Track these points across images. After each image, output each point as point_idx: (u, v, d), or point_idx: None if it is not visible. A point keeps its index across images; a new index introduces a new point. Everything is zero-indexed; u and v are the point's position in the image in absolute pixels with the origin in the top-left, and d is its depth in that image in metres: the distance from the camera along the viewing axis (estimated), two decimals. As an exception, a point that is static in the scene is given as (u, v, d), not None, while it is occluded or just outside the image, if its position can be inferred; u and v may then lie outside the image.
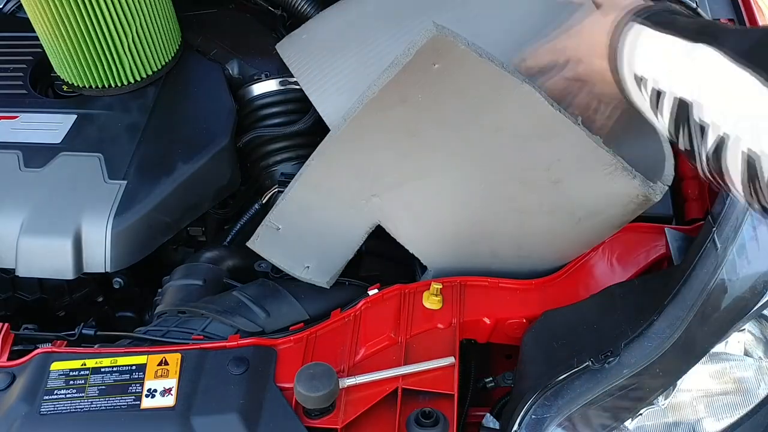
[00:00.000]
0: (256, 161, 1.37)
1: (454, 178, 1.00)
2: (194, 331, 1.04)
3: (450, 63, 0.87)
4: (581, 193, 0.97)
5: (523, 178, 0.97)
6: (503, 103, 0.90)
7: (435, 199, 1.02)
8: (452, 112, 0.93)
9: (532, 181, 0.97)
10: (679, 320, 0.88)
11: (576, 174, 0.95)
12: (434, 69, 0.87)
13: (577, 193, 0.97)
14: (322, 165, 1.02)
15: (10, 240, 1.10)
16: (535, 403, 0.90)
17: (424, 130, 0.95)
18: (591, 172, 0.93)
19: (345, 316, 1.02)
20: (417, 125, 0.95)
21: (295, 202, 1.06)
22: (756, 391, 0.94)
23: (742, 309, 0.88)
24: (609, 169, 0.92)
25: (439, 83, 0.89)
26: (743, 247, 0.90)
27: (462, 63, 0.87)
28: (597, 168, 0.92)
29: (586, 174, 0.94)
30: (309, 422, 0.89)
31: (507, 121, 0.92)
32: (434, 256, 1.08)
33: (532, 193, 0.98)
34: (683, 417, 0.92)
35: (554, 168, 0.94)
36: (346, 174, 1.02)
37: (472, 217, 1.03)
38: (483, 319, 1.00)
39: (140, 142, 1.22)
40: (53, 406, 0.89)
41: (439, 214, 1.04)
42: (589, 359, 0.89)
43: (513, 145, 0.94)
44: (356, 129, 0.96)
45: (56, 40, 1.22)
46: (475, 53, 0.85)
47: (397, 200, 1.03)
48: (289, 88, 1.38)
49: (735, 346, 0.94)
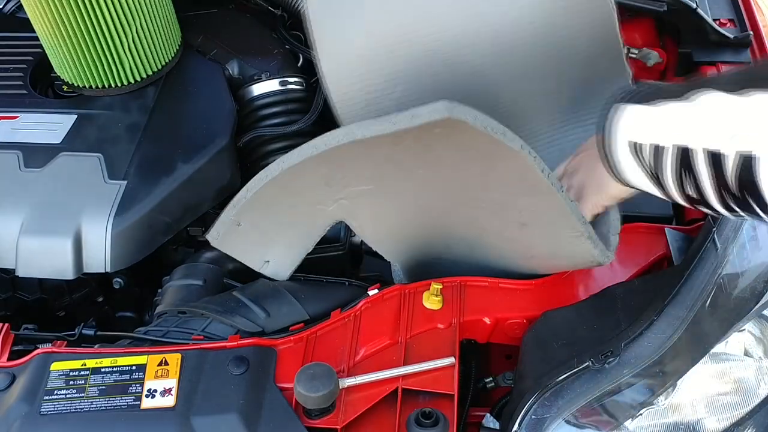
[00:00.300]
0: (256, 161, 1.37)
1: (422, 199, 1.01)
2: (194, 331, 1.04)
3: (452, 132, 0.85)
4: (542, 242, 1.00)
5: (494, 210, 0.98)
6: (496, 163, 0.90)
7: (398, 210, 1.04)
8: (443, 163, 0.92)
9: (502, 215, 0.98)
10: (679, 320, 0.88)
11: (544, 227, 0.97)
12: (435, 132, 0.85)
13: (538, 240, 1.00)
14: (296, 167, 0.97)
15: (10, 240, 1.10)
16: (535, 403, 0.90)
17: (407, 168, 0.95)
18: (558, 231, 0.95)
19: (345, 316, 1.02)
20: (402, 161, 0.94)
21: (259, 199, 1.03)
22: (756, 391, 0.94)
23: (742, 309, 0.88)
24: (576, 234, 0.94)
25: (436, 143, 0.88)
26: (743, 248, 0.90)
27: (465, 133, 0.85)
28: (565, 230, 0.94)
29: (554, 230, 0.96)
30: (309, 422, 0.89)
31: (495, 177, 0.93)
32: (394, 254, 1.11)
33: (496, 219, 1.00)
34: (683, 417, 0.93)
35: (526, 214, 0.96)
36: (318, 179, 1.01)
37: (433, 223, 1.05)
38: (483, 319, 1.00)
39: (140, 142, 1.21)
40: (53, 406, 0.89)
41: (401, 221, 1.06)
42: (589, 359, 0.89)
43: (497, 192, 0.96)
44: (335, 153, 0.92)
45: (56, 40, 1.22)
46: (482, 127, 0.83)
47: (364, 207, 1.04)
48: (289, 88, 1.39)
49: (735, 346, 0.94)
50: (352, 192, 1.02)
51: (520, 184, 0.91)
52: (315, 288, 1.14)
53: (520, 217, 0.97)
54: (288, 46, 1.48)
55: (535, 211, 0.95)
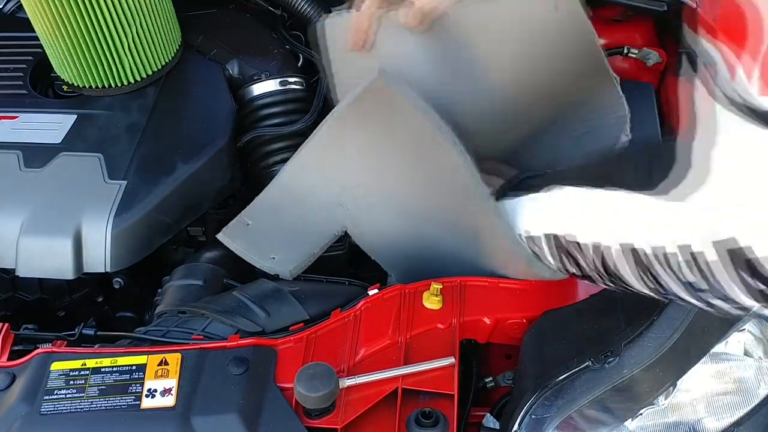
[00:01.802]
0: (256, 161, 1.37)
1: (400, 199, 1.07)
2: (194, 331, 1.04)
3: (389, 108, 0.97)
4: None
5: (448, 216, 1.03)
6: (429, 153, 0.98)
7: (387, 213, 1.08)
8: (396, 145, 1.01)
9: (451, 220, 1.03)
10: (679, 320, 0.88)
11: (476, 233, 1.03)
12: (373, 103, 0.97)
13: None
14: (296, 169, 1.08)
15: (10, 240, 1.10)
16: (535, 403, 0.90)
17: (377, 153, 1.04)
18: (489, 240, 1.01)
19: (345, 316, 1.02)
20: (371, 146, 1.03)
21: (267, 201, 1.11)
22: (756, 391, 0.94)
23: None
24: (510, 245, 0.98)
25: (386, 120, 0.99)
26: (743, 247, 0.90)
27: (401, 111, 0.96)
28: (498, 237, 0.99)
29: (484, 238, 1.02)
30: (309, 422, 0.89)
31: (435, 171, 1.00)
32: (391, 265, 1.13)
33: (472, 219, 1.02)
34: (683, 417, 0.93)
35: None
36: (317, 180, 1.08)
37: (419, 230, 1.09)
38: (483, 319, 1.00)
39: (140, 142, 1.21)
40: (53, 406, 0.89)
41: (392, 227, 1.09)
42: (589, 359, 0.89)
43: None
44: (326, 138, 1.04)
45: (56, 40, 1.22)
46: (413, 104, 0.94)
47: (361, 212, 1.08)
48: (289, 89, 1.39)
49: (735, 346, 0.94)
50: (348, 194, 1.07)
51: (454, 186, 0.99)
52: (315, 288, 1.14)
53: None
54: (288, 46, 1.48)
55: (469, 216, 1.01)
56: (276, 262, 1.11)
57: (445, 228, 1.06)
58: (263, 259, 1.11)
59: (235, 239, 1.12)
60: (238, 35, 1.45)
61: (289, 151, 1.36)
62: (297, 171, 1.09)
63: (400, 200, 1.07)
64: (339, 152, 1.06)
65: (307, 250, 1.11)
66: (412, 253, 1.10)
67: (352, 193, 1.08)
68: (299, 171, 1.09)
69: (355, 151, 1.05)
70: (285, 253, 1.12)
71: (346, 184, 1.08)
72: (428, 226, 1.07)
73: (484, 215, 0.99)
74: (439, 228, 1.06)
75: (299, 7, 1.45)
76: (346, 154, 1.06)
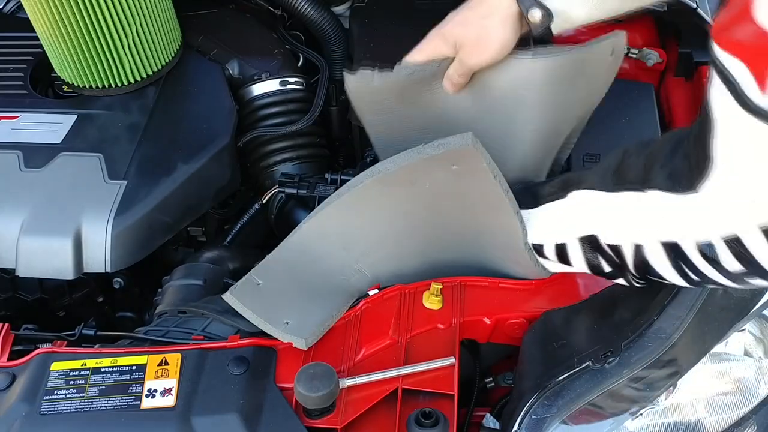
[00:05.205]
0: (256, 161, 1.37)
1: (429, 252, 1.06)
2: (194, 331, 1.04)
3: (467, 170, 0.92)
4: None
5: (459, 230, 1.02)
6: (492, 216, 0.97)
7: (406, 258, 1.06)
8: (445, 204, 0.99)
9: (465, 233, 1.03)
10: (679, 320, 0.88)
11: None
12: (452, 169, 0.93)
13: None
14: (314, 229, 1.02)
15: (10, 240, 1.10)
16: (535, 403, 0.90)
17: (415, 212, 1.00)
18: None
19: (345, 316, 1.02)
20: (412, 207, 1.00)
21: (280, 260, 1.03)
22: (756, 391, 0.94)
23: (742, 309, 0.89)
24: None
25: (449, 181, 0.95)
26: (743, 247, 0.90)
27: (476, 175, 0.93)
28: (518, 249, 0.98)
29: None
30: (309, 422, 0.89)
31: (487, 225, 0.99)
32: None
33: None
34: (683, 417, 0.93)
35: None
36: (336, 242, 1.03)
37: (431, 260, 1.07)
38: (483, 319, 1.00)
39: (140, 142, 1.22)
40: (53, 406, 0.89)
41: (410, 270, 1.07)
42: (589, 359, 0.89)
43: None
44: (358, 199, 0.98)
45: (56, 40, 1.22)
46: (491, 173, 0.91)
47: (379, 274, 1.05)
48: (289, 89, 1.39)
49: (735, 346, 0.94)
50: (368, 260, 1.04)
51: (488, 211, 0.97)
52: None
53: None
54: (288, 46, 1.48)
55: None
56: (290, 329, 0.98)
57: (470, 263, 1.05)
58: (276, 324, 0.98)
59: (245, 300, 1.00)
60: (238, 35, 1.45)
61: (289, 151, 1.36)
62: (315, 231, 1.01)
63: (429, 253, 1.05)
64: (363, 215, 1.00)
65: (323, 315, 1.01)
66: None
67: (371, 259, 1.04)
68: (317, 232, 1.02)
69: (385, 212, 0.99)
70: (299, 318, 1.00)
71: (366, 249, 1.03)
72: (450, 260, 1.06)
73: (521, 254, 0.98)
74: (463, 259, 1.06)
75: (299, 7, 1.45)
76: (372, 217, 1.00)
